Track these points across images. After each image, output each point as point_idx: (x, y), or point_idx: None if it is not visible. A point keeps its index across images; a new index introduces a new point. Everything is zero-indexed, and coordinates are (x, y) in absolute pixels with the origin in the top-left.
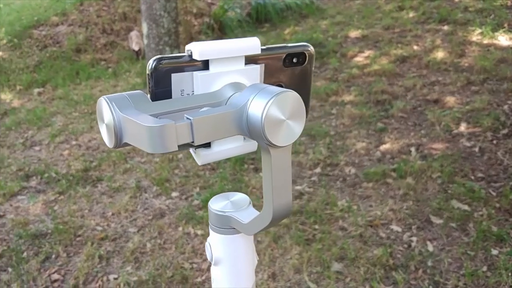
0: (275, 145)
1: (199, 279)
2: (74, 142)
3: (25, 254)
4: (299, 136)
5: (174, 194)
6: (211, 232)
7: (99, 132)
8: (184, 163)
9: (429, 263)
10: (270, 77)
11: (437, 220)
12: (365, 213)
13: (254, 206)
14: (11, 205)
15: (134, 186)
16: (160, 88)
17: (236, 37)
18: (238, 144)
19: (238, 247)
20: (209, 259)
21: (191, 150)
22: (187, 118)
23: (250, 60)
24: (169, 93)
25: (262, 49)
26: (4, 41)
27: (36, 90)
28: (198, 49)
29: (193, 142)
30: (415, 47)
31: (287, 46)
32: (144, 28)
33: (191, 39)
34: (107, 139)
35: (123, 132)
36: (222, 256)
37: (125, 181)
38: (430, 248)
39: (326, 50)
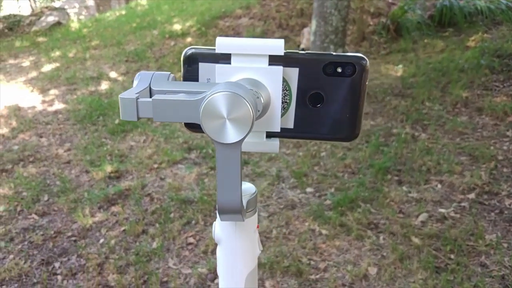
0: (212, 138)
1: (313, 277)
2: None
3: (172, 215)
4: (240, 139)
5: (308, 189)
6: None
7: None
8: (325, 161)
9: None
10: (307, 83)
11: None
12: None
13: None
14: (171, 171)
15: (274, 174)
16: (189, 74)
17: (412, 40)
18: (259, 140)
19: (232, 232)
20: (213, 236)
21: None
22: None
23: (275, 61)
24: (197, 80)
25: (299, 53)
26: (194, 29)
27: None
28: (219, 42)
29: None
30: None
31: (331, 54)
32: (313, 25)
33: (363, 39)
34: None
35: None
36: (220, 237)
37: (267, 168)
38: None
39: None
